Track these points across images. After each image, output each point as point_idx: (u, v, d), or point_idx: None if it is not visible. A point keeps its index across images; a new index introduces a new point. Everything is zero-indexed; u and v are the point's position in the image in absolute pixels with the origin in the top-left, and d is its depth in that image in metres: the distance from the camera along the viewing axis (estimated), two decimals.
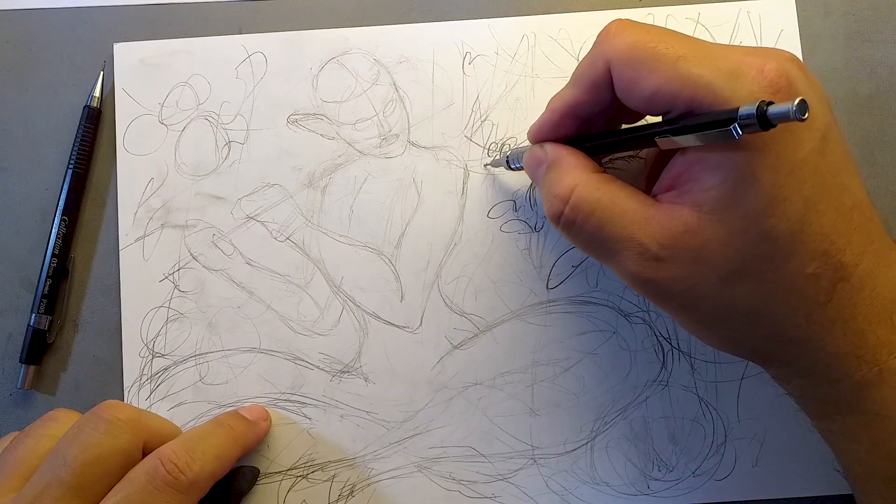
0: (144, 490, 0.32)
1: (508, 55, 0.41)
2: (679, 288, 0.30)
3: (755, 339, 0.31)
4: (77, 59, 0.42)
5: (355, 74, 0.41)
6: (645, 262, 0.30)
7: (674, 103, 0.29)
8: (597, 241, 0.32)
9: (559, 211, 0.32)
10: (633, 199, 0.31)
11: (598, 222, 0.31)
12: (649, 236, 0.30)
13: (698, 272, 0.29)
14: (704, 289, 0.30)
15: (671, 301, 0.31)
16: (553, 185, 0.33)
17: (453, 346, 0.40)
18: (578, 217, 0.31)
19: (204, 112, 0.41)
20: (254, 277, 0.40)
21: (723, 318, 0.31)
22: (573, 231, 0.32)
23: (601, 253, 0.32)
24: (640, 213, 0.30)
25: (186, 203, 0.41)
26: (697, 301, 0.30)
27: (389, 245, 0.41)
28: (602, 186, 0.31)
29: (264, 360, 0.40)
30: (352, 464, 0.40)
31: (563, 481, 0.39)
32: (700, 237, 0.29)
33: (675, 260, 0.29)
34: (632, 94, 0.30)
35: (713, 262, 0.29)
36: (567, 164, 0.33)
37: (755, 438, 0.39)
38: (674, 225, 0.29)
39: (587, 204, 0.31)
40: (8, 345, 0.41)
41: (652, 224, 0.30)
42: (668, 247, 0.29)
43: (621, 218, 0.30)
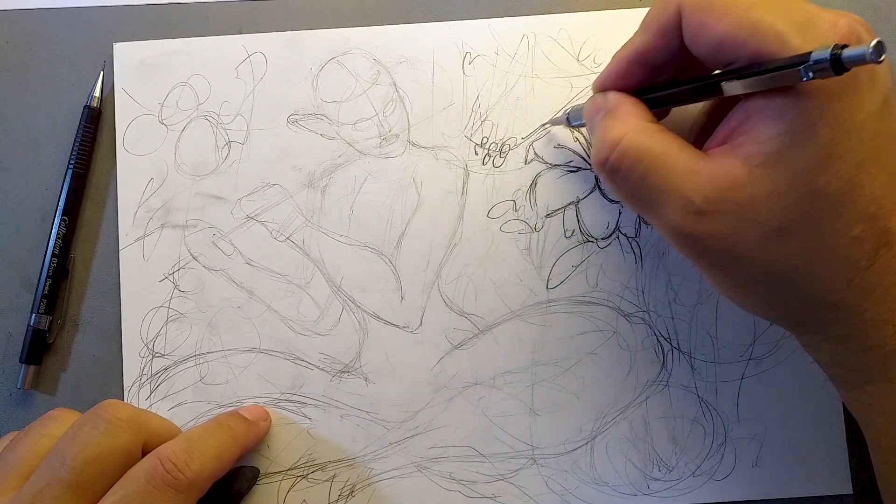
0: (143, 489, 0.32)
1: (508, 55, 0.41)
2: (720, 244, 0.29)
3: (791, 302, 0.31)
4: (77, 59, 0.42)
5: (355, 74, 0.41)
6: (687, 216, 0.30)
7: (741, 51, 0.28)
8: (640, 190, 0.31)
9: (605, 156, 0.32)
10: (683, 151, 0.30)
11: (645, 171, 0.31)
12: (695, 189, 0.29)
13: (741, 228, 0.29)
14: (746, 246, 0.29)
15: (710, 258, 0.31)
16: (605, 130, 0.32)
17: (453, 346, 0.40)
18: (625, 164, 0.31)
19: (204, 112, 0.41)
20: (254, 277, 0.40)
21: (761, 279, 0.30)
22: (617, 178, 0.32)
23: (643, 204, 0.32)
24: (688, 165, 0.30)
25: (186, 203, 0.41)
26: (737, 259, 0.30)
27: (389, 245, 0.41)
28: (653, 135, 0.31)
29: (264, 360, 0.40)
30: (352, 464, 0.40)
31: (563, 481, 0.39)
32: (747, 192, 0.28)
33: (719, 215, 0.29)
34: (700, 40, 0.30)
35: (758, 219, 0.29)
36: (623, 112, 0.33)
37: (755, 438, 0.39)
38: (722, 178, 0.29)
39: (635, 152, 0.31)
40: (8, 345, 0.41)
41: (699, 177, 0.29)
42: (714, 201, 0.29)
43: (669, 169, 0.30)
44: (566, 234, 0.40)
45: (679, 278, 0.40)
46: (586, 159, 0.41)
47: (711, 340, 0.40)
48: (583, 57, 0.41)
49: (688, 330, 0.40)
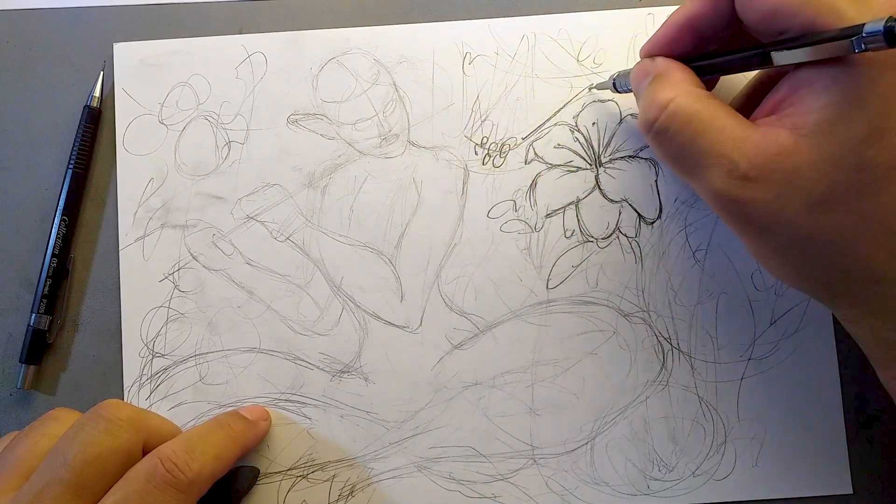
0: (144, 489, 0.32)
1: (508, 55, 0.41)
2: (763, 210, 0.30)
3: (831, 273, 0.31)
4: (77, 59, 0.42)
5: (355, 74, 0.41)
6: (732, 181, 0.30)
7: (793, 20, 0.28)
8: (687, 152, 0.31)
9: (654, 118, 0.32)
10: (731, 117, 0.31)
11: (693, 133, 0.31)
12: (742, 154, 0.29)
13: (786, 195, 0.29)
14: (789, 213, 0.29)
15: (752, 224, 0.31)
16: (654, 92, 0.32)
17: (453, 346, 0.40)
18: (673, 126, 0.31)
19: (204, 112, 0.41)
20: (254, 277, 0.40)
21: (802, 247, 0.30)
22: (664, 140, 0.32)
23: (688, 166, 0.32)
24: (736, 130, 0.30)
25: (186, 203, 0.41)
26: (779, 226, 0.30)
27: (389, 245, 0.41)
28: (703, 100, 0.31)
29: (264, 360, 0.40)
30: (352, 464, 0.40)
31: (563, 481, 0.39)
32: (794, 159, 0.29)
33: (765, 181, 0.29)
34: (752, 7, 0.30)
35: (803, 187, 0.29)
36: (673, 76, 0.33)
37: (755, 438, 0.39)
38: (769, 145, 0.29)
39: (684, 114, 0.31)
40: (8, 345, 0.41)
41: (747, 143, 0.30)
42: (760, 167, 0.29)
43: (717, 133, 0.30)
44: (566, 234, 0.40)
45: (679, 278, 0.40)
46: (586, 159, 0.41)
47: (711, 340, 0.40)
48: (583, 57, 0.41)
49: (688, 330, 0.40)
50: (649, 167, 0.41)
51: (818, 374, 0.40)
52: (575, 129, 0.41)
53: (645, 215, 0.40)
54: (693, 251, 0.40)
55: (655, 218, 0.40)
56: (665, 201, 0.40)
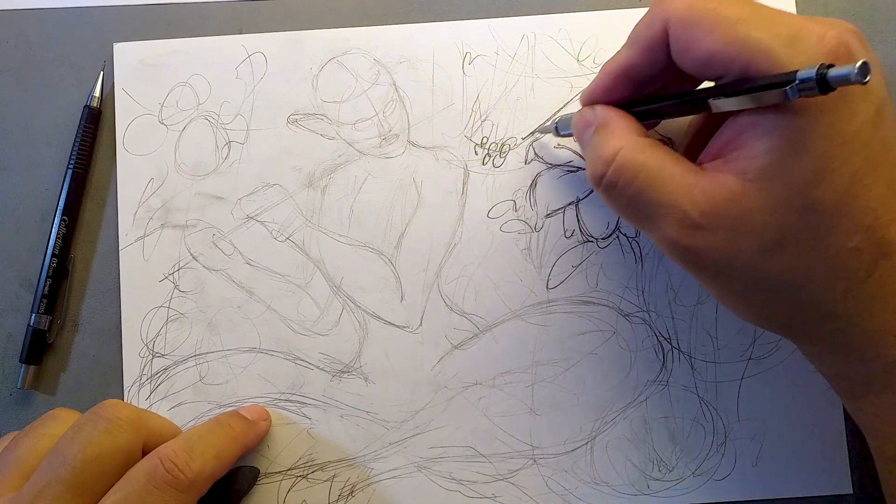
0: (144, 489, 0.32)
1: (508, 55, 0.41)
2: (717, 256, 0.30)
3: (790, 313, 0.31)
4: (77, 59, 0.42)
5: (355, 74, 0.41)
6: (684, 230, 0.30)
7: (730, 67, 0.28)
8: (637, 205, 0.31)
9: (602, 172, 0.32)
10: (678, 165, 0.30)
11: (641, 186, 0.31)
12: (691, 203, 0.29)
13: (738, 241, 0.29)
14: (743, 258, 0.29)
15: (708, 270, 0.31)
16: (599, 146, 0.32)
17: (453, 346, 0.40)
18: (621, 179, 0.31)
19: (204, 112, 0.41)
20: (254, 277, 0.40)
21: (759, 290, 0.30)
22: (614, 194, 0.32)
23: (640, 217, 0.32)
24: (684, 179, 0.30)
25: (186, 203, 0.41)
26: (735, 270, 0.30)
27: (389, 245, 0.41)
28: (648, 150, 0.31)
29: (264, 360, 0.40)
30: (352, 464, 0.40)
31: (563, 481, 0.39)
32: (743, 205, 0.28)
33: (716, 228, 0.29)
34: (688, 56, 0.30)
35: (754, 231, 0.29)
36: (615, 126, 0.32)
37: (755, 438, 0.39)
38: (717, 192, 0.29)
39: (631, 166, 0.31)
40: (8, 345, 0.41)
41: (695, 191, 0.29)
42: (710, 214, 0.29)
43: (665, 183, 0.30)
44: (566, 234, 0.40)
45: (679, 278, 0.40)
46: None
47: (711, 340, 0.40)
48: (583, 57, 0.41)
49: (688, 330, 0.40)
50: None
51: (818, 374, 0.39)
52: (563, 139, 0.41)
53: None
54: None
55: None
56: None
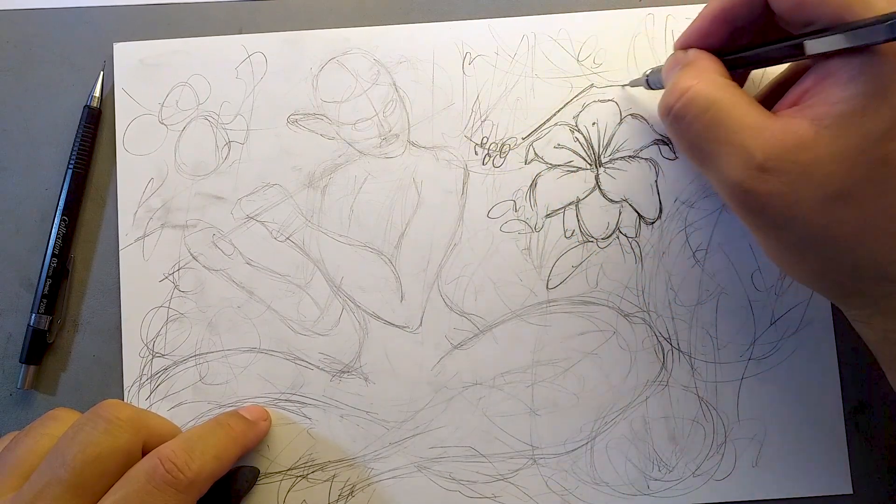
0: (143, 489, 0.32)
1: (508, 55, 0.41)
2: (777, 203, 0.29)
3: (844, 271, 0.30)
4: (77, 59, 0.42)
5: (355, 74, 0.41)
6: (748, 171, 0.29)
7: (823, 9, 0.28)
8: (703, 140, 0.31)
9: (672, 103, 0.32)
10: (751, 107, 0.30)
11: (710, 121, 0.30)
12: (759, 145, 0.29)
13: (802, 188, 0.28)
14: (804, 207, 0.29)
15: (765, 218, 0.30)
16: (677, 79, 0.32)
17: (453, 346, 0.40)
18: (690, 112, 0.31)
19: (204, 112, 0.41)
20: (254, 277, 0.40)
21: (816, 243, 0.30)
22: (682, 126, 0.32)
23: (703, 155, 0.31)
24: (755, 120, 0.30)
25: (186, 203, 0.41)
26: (794, 220, 0.29)
27: (389, 245, 0.41)
28: (723, 88, 0.31)
29: (264, 360, 0.40)
30: (352, 464, 0.40)
31: (563, 481, 0.39)
32: (813, 152, 0.28)
33: (781, 173, 0.29)
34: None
35: (820, 180, 0.28)
36: (699, 65, 0.33)
37: (755, 438, 0.39)
38: (787, 137, 0.29)
39: (704, 100, 0.31)
40: (8, 345, 0.41)
41: (765, 133, 0.29)
42: (776, 158, 0.29)
43: (734, 122, 0.30)
44: (566, 234, 0.40)
45: (679, 278, 0.40)
46: (586, 159, 0.41)
47: (711, 340, 0.40)
48: (583, 57, 0.41)
49: (688, 330, 0.40)
50: (649, 167, 0.41)
51: (818, 374, 0.40)
52: (575, 129, 0.41)
53: (645, 215, 0.40)
54: (693, 251, 0.40)
55: (655, 218, 0.40)
56: (665, 201, 0.40)
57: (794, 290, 0.40)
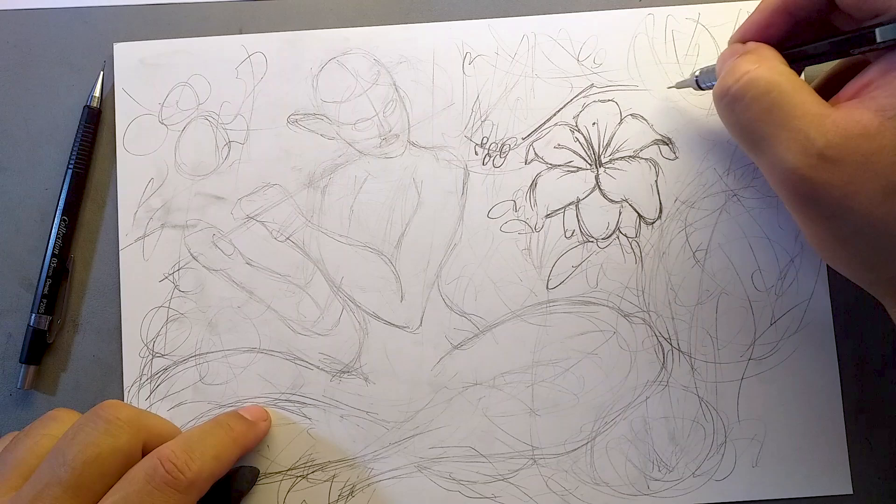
0: (143, 489, 0.32)
1: (508, 55, 0.41)
2: (835, 193, 0.28)
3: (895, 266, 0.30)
4: (77, 59, 0.42)
5: (355, 74, 0.41)
6: (807, 158, 0.29)
7: (890, 1, 0.28)
8: (760, 123, 0.30)
9: (730, 84, 0.31)
10: (812, 95, 0.30)
11: (770, 104, 0.30)
12: (820, 131, 0.28)
13: (862, 179, 0.28)
14: (862, 199, 0.28)
15: (820, 207, 0.29)
16: (738, 63, 0.32)
17: (453, 346, 0.40)
18: (750, 93, 0.30)
19: (204, 112, 0.41)
20: (254, 277, 0.40)
21: (870, 236, 0.29)
22: (739, 107, 0.31)
23: (758, 138, 0.31)
24: (816, 108, 0.29)
25: (186, 203, 0.41)
26: (849, 212, 0.29)
27: (389, 245, 0.41)
28: (786, 74, 0.30)
29: (264, 360, 0.40)
30: (352, 464, 0.40)
31: (563, 481, 0.39)
32: (876, 142, 0.28)
33: (841, 162, 0.28)
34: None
35: (881, 172, 0.28)
36: (760, 52, 0.32)
37: (755, 438, 0.39)
38: (850, 125, 0.28)
39: (765, 82, 0.30)
40: (8, 345, 0.41)
41: (826, 121, 0.29)
42: (838, 146, 0.28)
43: (795, 107, 0.29)
44: (566, 234, 0.40)
45: (679, 278, 0.40)
46: (586, 159, 0.41)
47: (711, 340, 0.40)
48: (583, 57, 0.41)
49: (688, 330, 0.40)
50: (649, 167, 0.41)
51: (818, 374, 0.40)
52: (575, 129, 0.41)
53: (645, 215, 0.40)
54: (693, 251, 0.40)
55: (655, 218, 0.40)
56: (665, 201, 0.40)
57: (794, 290, 0.40)
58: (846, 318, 0.40)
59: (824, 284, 0.40)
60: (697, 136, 0.40)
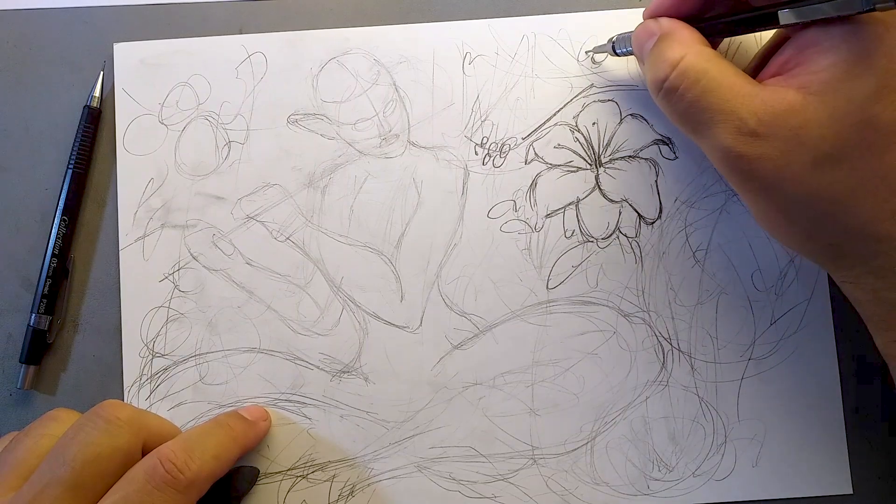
0: (143, 489, 0.32)
1: (508, 55, 0.41)
2: (769, 166, 0.30)
3: (834, 231, 0.31)
4: (77, 59, 0.42)
5: (355, 74, 0.41)
6: (741, 137, 0.30)
7: None
8: (696, 110, 0.32)
9: (664, 75, 0.33)
10: (739, 76, 0.31)
11: (702, 91, 0.31)
12: (750, 111, 0.30)
13: (792, 152, 0.30)
14: (795, 170, 0.30)
15: (757, 181, 0.31)
16: (663, 51, 0.33)
17: (453, 346, 0.40)
18: (683, 83, 0.32)
19: (204, 112, 0.41)
20: (254, 277, 0.40)
21: (805, 205, 0.31)
22: (674, 98, 0.33)
23: (696, 124, 0.32)
24: (745, 88, 0.31)
25: (186, 203, 0.41)
26: (784, 183, 0.30)
27: (389, 245, 0.41)
28: (711, 59, 0.32)
29: (264, 360, 0.40)
30: (352, 464, 0.40)
31: (563, 481, 0.39)
32: (802, 116, 0.29)
33: (772, 137, 0.30)
34: None
35: (810, 143, 0.29)
36: (680, 35, 0.33)
37: (755, 438, 0.39)
38: (777, 103, 0.30)
39: (695, 72, 0.32)
40: (8, 345, 0.41)
41: (755, 100, 0.30)
42: (767, 123, 0.30)
43: (726, 91, 0.31)
44: (566, 234, 0.40)
45: (679, 278, 0.40)
46: (586, 159, 0.41)
47: (711, 340, 0.40)
48: (583, 57, 0.41)
49: (688, 330, 0.40)
50: (649, 167, 0.41)
51: (818, 374, 0.40)
52: (575, 129, 0.41)
53: (645, 215, 0.40)
54: (693, 251, 0.40)
55: (655, 218, 0.40)
56: (665, 201, 0.40)
57: (794, 290, 0.40)
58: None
59: (824, 284, 0.40)
60: None
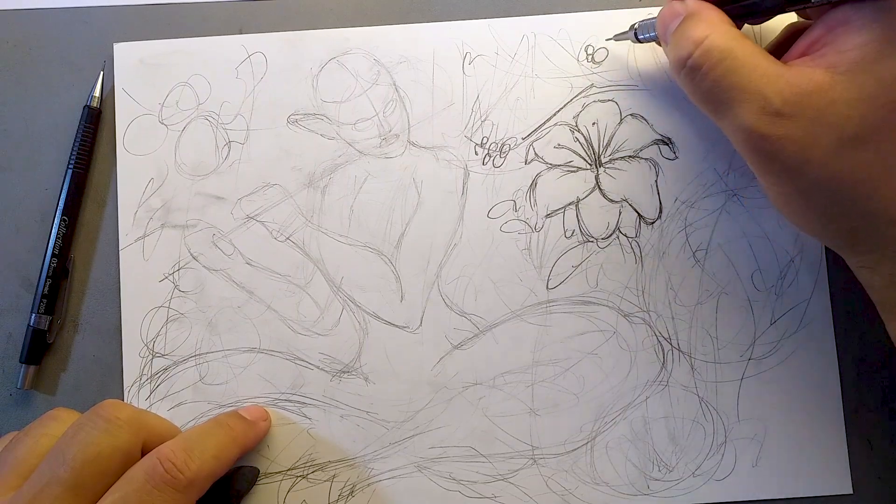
0: (142, 489, 0.32)
1: (508, 55, 0.41)
2: (793, 147, 0.30)
3: (854, 215, 0.31)
4: (77, 59, 0.42)
5: (355, 74, 0.41)
6: (765, 117, 0.30)
7: None
8: (719, 89, 0.32)
9: (688, 53, 0.32)
10: (765, 56, 0.31)
11: (726, 69, 0.31)
12: (776, 91, 0.30)
13: (818, 132, 0.29)
14: (819, 151, 0.29)
15: (780, 162, 0.31)
16: (688, 30, 0.33)
17: (453, 346, 0.40)
18: (707, 62, 0.32)
19: (204, 112, 0.41)
20: (254, 277, 0.40)
21: (827, 189, 0.30)
22: (697, 76, 0.32)
23: (718, 103, 0.32)
24: (770, 68, 0.30)
25: (186, 203, 0.41)
26: (808, 164, 0.30)
27: (389, 245, 0.41)
28: (737, 38, 0.32)
29: (264, 360, 0.40)
30: (352, 464, 0.40)
31: (563, 481, 0.39)
32: (828, 96, 0.29)
33: (797, 118, 0.29)
34: None
35: (836, 124, 0.29)
36: (706, 16, 0.33)
37: (755, 438, 0.39)
38: (804, 82, 0.29)
39: (719, 51, 0.31)
40: (8, 345, 0.41)
41: (780, 80, 0.30)
42: (793, 103, 0.29)
43: (751, 70, 0.31)
44: (566, 234, 0.40)
45: (679, 278, 0.40)
46: (586, 159, 0.41)
47: (711, 340, 0.40)
48: (583, 57, 0.41)
49: (688, 330, 0.40)
50: (649, 167, 0.41)
51: (818, 374, 0.40)
52: (575, 129, 0.41)
53: (645, 215, 0.40)
54: (693, 251, 0.40)
55: (655, 218, 0.40)
56: (665, 201, 0.40)
57: (794, 290, 0.40)
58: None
59: (824, 284, 0.40)
60: (697, 136, 0.40)
